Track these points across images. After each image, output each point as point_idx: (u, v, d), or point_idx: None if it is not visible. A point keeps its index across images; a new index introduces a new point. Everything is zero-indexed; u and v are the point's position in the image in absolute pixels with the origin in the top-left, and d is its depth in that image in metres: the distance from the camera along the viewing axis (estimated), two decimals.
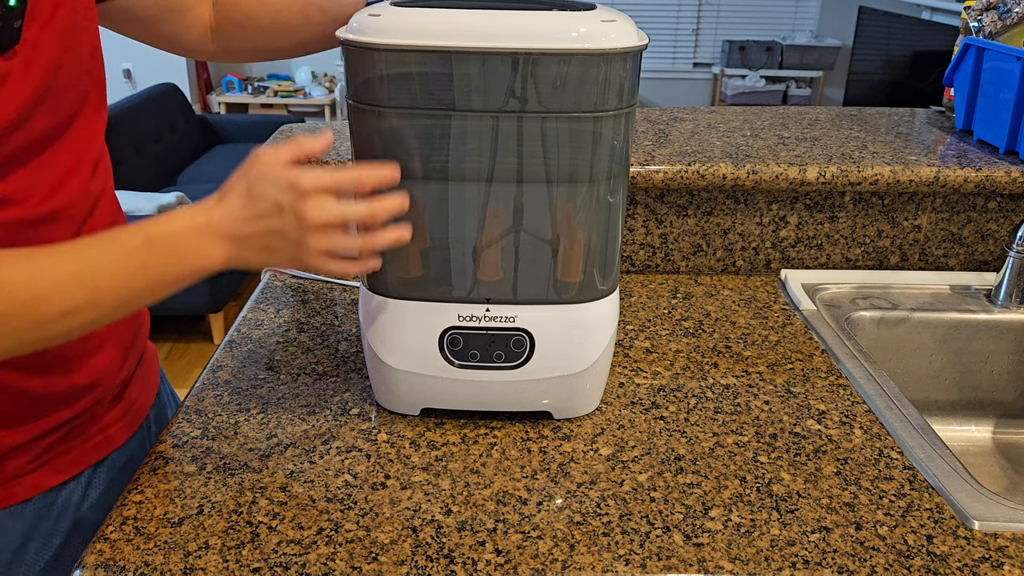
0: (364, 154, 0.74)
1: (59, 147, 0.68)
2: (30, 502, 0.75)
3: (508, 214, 0.75)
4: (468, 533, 0.69)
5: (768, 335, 1.03)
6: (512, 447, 0.80)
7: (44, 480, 0.75)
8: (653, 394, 0.90)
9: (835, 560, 0.66)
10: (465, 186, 0.74)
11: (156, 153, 3.74)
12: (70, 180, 0.70)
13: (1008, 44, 1.25)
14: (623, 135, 0.74)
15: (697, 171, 1.13)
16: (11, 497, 0.73)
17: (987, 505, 0.72)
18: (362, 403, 0.87)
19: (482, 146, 0.72)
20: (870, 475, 0.77)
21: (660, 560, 0.66)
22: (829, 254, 1.22)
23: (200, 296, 2.98)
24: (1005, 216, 1.20)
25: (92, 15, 0.72)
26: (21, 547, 0.74)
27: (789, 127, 1.34)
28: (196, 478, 0.75)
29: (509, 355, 0.79)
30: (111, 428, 0.81)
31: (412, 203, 0.75)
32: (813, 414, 0.87)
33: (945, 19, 4.01)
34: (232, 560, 0.65)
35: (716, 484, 0.75)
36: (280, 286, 1.14)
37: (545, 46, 0.68)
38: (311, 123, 1.37)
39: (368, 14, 0.71)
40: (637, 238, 1.20)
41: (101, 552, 0.66)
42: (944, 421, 1.13)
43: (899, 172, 1.14)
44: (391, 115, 0.72)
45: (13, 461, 0.72)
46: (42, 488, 0.75)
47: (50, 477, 0.75)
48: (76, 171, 0.71)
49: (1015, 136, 1.19)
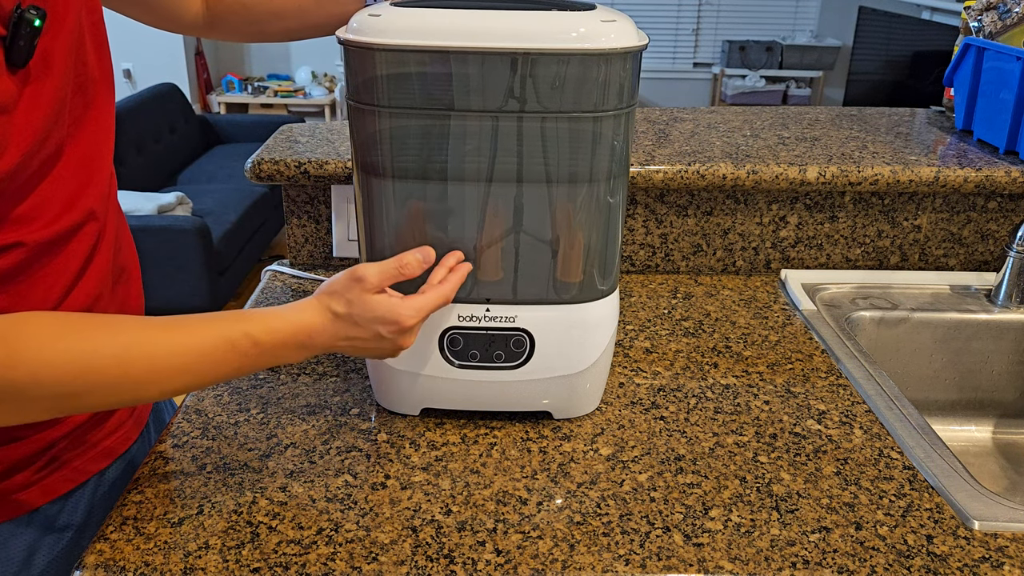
0: (364, 154, 0.74)
1: (69, 158, 0.68)
2: (37, 512, 0.74)
3: (508, 214, 0.75)
4: (468, 533, 0.69)
5: (768, 335, 1.03)
6: (512, 447, 0.80)
7: (52, 488, 0.74)
8: (653, 394, 0.90)
9: (835, 560, 0.66)
10: (465, 186, 0.74)
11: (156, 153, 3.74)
12: (86, 190, 0.70)
13: (1008, 44, 1.25)
14: (623, 135, 0.74)
15: (697, 171, 1.13)
16: (19, 508, 0.72)
17: (987, 505, 0.72)
18: (362, 403, 0.87)
19: (482, 146, 0.72)
20: (870, 475, 0.77)
21: (660, 560, 0.66)
22: (829, 254, 1.22)
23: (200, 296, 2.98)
24: (1005, 216, 1.20)
25: (96, 18, 0.72)
26: (28, 558, 0.74)
27: (789, 127, 1.34)
28: (196, 478, 0.75)
29: (509, 355, 0.79)
30: (118, 432, 0.81)
31: (412, 203, 0.75)
32: (813, 414, 0.87)
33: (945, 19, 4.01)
34: (232, 560, 0.65)
35: (716, 484, 0.75)
36: (280, 286, 1.14)
37: (545, 46, 0.68)
38: (311, 123, 1.37)
39: (368, 14, 0.71)
40: (637, 238, 1.20)
41: (101, 552, 0.66)
42: (944, 421, 1.13)
43: (899, 172, 1.14)
44: (391, 115, 0.72)
45: (23, 472, 0.72)
46: (50, 497, 0.74)
47: (58, 486, 0.75)
48: (92, 180, 0.71)
49: (1015, 136, 1.19)
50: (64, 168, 0.67)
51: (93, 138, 0.71)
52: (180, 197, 3.18)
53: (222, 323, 0.66)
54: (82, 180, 0.69)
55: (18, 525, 0.73)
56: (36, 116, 0.61)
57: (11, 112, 0.58)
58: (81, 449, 0.76)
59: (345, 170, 1.14)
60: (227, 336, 0.65)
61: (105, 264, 0.74)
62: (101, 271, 0.73)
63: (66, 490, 0.76)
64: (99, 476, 0.79)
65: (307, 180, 1.15)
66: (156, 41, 4.37)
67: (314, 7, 0.89)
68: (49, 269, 0.67)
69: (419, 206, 0.75)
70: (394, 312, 0.69)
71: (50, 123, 0.63)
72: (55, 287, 0.68)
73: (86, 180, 0.70)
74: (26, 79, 0.59)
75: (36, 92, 0.60)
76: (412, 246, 0.73)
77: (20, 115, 0.59)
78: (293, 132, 1.28)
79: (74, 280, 0.70)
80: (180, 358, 0.63)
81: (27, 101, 0.59)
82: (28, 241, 0.64)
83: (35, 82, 0.60)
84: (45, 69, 0.61)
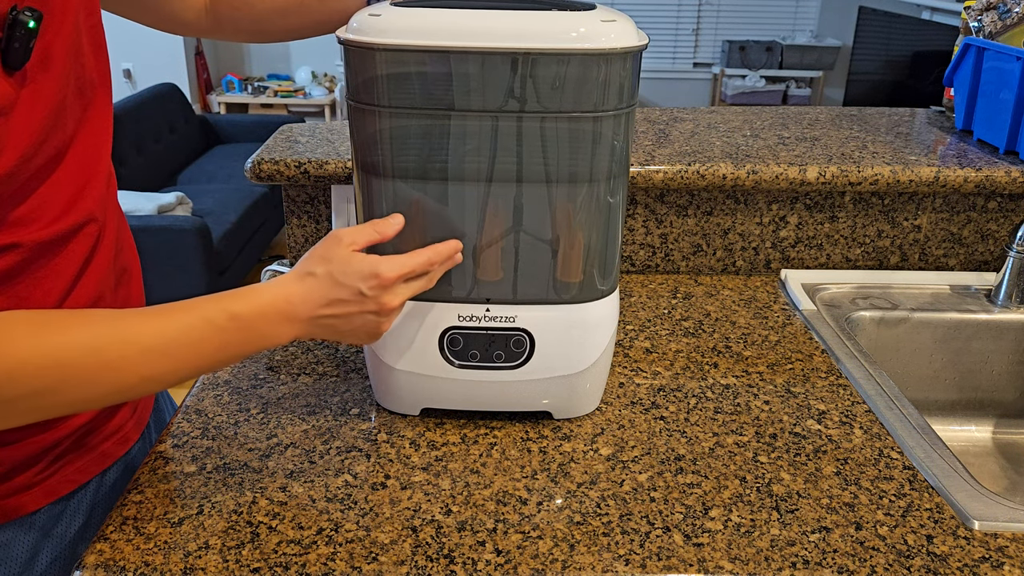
0: (364, 154, 0.74)
1: (68, 160, 0.68)
2: (39, 513, 0.74)
3: (508, 214, 0.75)
4: (468, 533, 0.69)
5: (768, 335, 1.03)
6: (512, 447, 0.80)
7: (53, 490, 0.74)
8: (653, 394, 0.90)
9: (835, 560, 0.66)
10: (465, 186, 0.74)
11: (156, 153, 3.74)
12: (84, 191, 0.70)
13: (1008, 44, 1.25)
14: (623, 135, 0.74)
15: (697, 171, 1.13)
16: (21, 510, 0.72)
17: (987, 505, 0.72)
18: (362, 403, 0.87)
19: (482, 146, 0.72)
20: (870, 475, 0.77)
21: (660, 560, 0.66)
22: (829, 254, 1.22)
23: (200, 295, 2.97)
24: (1005, 216, 1.20)
25: (95, 20, 0.72)
26: (30, 560, 0.74)
27: (789, 127, 1.34)
28: (196, 478, 0.75)
29: (509, 355, 0.79)
30: (118, 433, 0.81)
31: (412, 203, 0.75)
32: (813, 414, 0.87)
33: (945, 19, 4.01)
34: (232, 560, 0.65)
35: (716, 484, 0.75)
36: None
37: (545, 46, 0.68)
38: (311, 123, 1.37)
39: (368, 14, 0.71)
40: (637, 238, 1.20)
41: (101, 552, 0.66)
42: (944, 421, 1.13)
43: (899, 172, 1.14)
44: (391, 115, 0.72)
45: (24, 474, 0.71)
46: (51, 498, 0.74)
47: (59, 487, 0.75)
48: (90, 182, 0.71)
49: (1015, 136, 1.19)
50: (64, 171, 0.67)
51: (92, 140, 0.71)
52: (180, 197, 3.18)
53: (199, 302, 0.64)
54: (81, 182, 0.69)
55: (20, 527, 0.73)
56: (34, 118, 0.61)
57: (8, 114, 0.58)
58: (82, 451, 0.76)
59: (345, 170, 1.14)
60: (203, 314, 0.63)
61: (105, 265, 0.74)
62: (101, 272, 0.73)
63: (67, 491, 0.75)
64: (100, 477, 0.79)
65: (307, 180, 1.15)
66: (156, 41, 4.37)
67: (317, 3, 0.89)
68: (48, 270, 0.67)
69: (419, 206, 0.75)
70: (374, 266, 0.68)
71: (49, 125, 0.63)
72: (55, 288, 0.68)
73: (84, 182, 0.70)
74: (23, 81, 0.59)
75: (34, 94, 0.60)
76: (413, 246, 0.73)
77: (18, 117, 0.59)
78: (293, 132, 1.28)
79: (74, 281, 0.70)
80: (155, 339, 0.61)
81: (25, 103, 0.59)
82: (26, 242, 0.64)
83: (33, 83, 0.60)
84: (44, 71, 0.61)
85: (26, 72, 0.59)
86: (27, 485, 0.72)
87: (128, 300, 0.80)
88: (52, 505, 0.74)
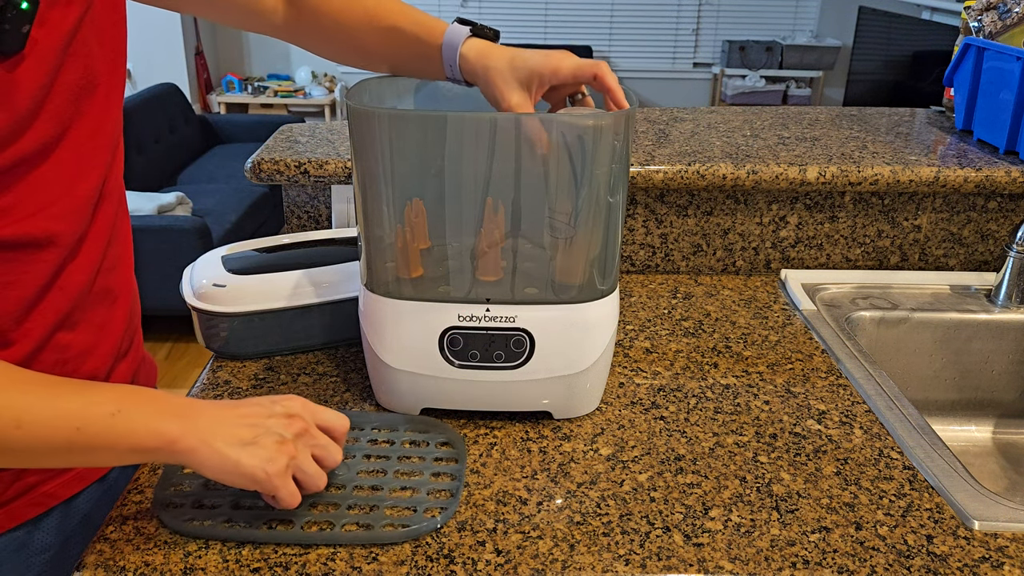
0: (364, 154, 0.74)
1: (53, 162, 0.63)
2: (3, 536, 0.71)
3: (508, 214, 0.75)
4: (468, 533, 0.69)
5: (768, 335, 1.03)
6: (512, 447, 0.80)
7: (18, 514, 0.71)
8: (653, 394, 0.90)
9: (835, 560, 0.66)
10: (465, 186, 0.74)
11: (156, 153, 3.74)
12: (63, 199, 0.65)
13: (1008, 44, 1.25)
14: (623, 135, 0.74)
15: (697, 171, 1.13)
16: (27, 513, 0.71)
17: (987, 505, 0.72)
18: (362, 403, 0.87)
19: (481, 146, 0.72)
20: (870, 475, 0.77)
21: (660, 560, 0.66)
22: (829, 254, 1.22)
23: None
24: (1005, 216, 1.20)
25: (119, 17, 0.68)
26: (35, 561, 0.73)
27: (789, 127, 1.34)
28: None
29: (509, 355, 0.79)
30: None
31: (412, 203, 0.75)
32: (813, 414, 0.87)
33: (945, 19, 4.01)
34: (232, 560, 0.65)
35: (716, 484, 0.75)
36: None
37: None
38: (311, 123, 1.37)
39: None
40: (637, 238, 1.20)
41: (101, 552, 0.66)
42: (944, 421, 1.13)
43: (899, 172, 1.14)
44: (391, 115, 0.72)
45: (28, 476, 0.71)
46: (16, 522, 0.71)
47: (25, 511, 0.72)
48: (71, 190, 0.66)
49: (1015, 136, 1.19)
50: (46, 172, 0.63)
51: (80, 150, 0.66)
52: (180, 197, 3.18)
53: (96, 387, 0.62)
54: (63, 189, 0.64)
55: (27, 529, 0.71)
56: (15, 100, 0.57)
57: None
58: (51, 473, 0.73)
59: (345, 170, 1.14)
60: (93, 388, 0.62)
61: (75, 287, 0.70)
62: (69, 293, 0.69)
63: (34, 515, 0.72)
64: (67, 503, 0.75)
65: (307, 180, 1.15)
66: (156, 41, 4.37)
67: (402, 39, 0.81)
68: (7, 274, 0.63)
69: (419, 206, 0.75)
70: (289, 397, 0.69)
71: (29, 114, 0.59)
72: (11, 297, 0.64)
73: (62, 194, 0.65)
74: (14, 65, 0.56)
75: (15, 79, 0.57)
76: (412, 245, 0.73)
77: None
78: (293, 132, 1.28)
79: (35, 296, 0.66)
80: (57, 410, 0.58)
81: (4, 86, 0.56)
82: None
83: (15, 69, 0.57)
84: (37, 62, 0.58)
85: (22, 57, 0.56)
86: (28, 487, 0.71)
87: (107, 323, 0.75)
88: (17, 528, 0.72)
